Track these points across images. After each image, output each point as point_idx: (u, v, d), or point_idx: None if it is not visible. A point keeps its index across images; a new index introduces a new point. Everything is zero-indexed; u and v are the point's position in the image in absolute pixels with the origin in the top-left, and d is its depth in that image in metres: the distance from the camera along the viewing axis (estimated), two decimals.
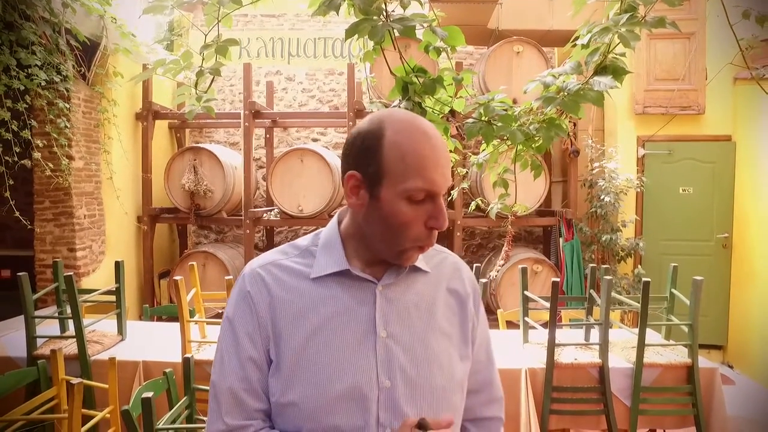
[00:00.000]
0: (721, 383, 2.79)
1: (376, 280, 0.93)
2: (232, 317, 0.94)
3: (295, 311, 0.91)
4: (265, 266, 0.95)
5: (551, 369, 2.69)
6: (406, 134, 0.86)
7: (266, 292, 0.92)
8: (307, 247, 0.97)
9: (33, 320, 2.88)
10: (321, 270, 0.93)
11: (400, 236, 0.88)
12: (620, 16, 1.36)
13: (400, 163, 0.85)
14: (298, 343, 0.90)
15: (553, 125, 1.61)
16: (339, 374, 0.89)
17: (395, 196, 0.86)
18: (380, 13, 1.33)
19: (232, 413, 0.90)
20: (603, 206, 4.48)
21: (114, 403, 2.51)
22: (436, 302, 0.98)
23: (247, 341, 0.91)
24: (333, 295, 0.92)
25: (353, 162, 0.90)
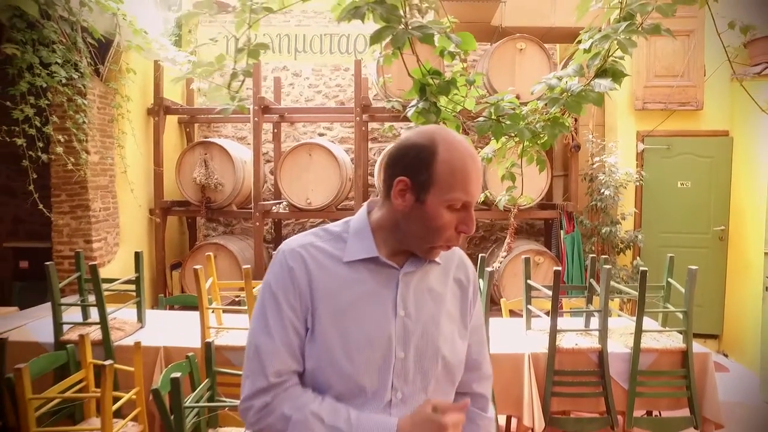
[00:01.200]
0: (714, 368, 2.93)
1: (399, 268, 1.07)
2: (275, 289, 1.06)
3: (329, 288, 1.05)
4: (305, 246, 1.07)
5: (553, 354, 2.83)
6: (456, 154, 1.01)
7: (305, 270, 1.05)
8: (339, 233, 1.10)
9: (59, 307, 3.02)
10: (352, 255, 1.06)
11: (435, 236, 1.03)
12: (619, 24, 1.49)
13: (449, 177, 1.00)
14: (332, 316, 1.04)
15: (557, 123, 1.75)
16: (365, 345, 1.03)
17: (439, 203, 1.01)
18: (400, 20, 1.46)
19: (275, 372, 1.03)
20: (603, 200, 4.61)
21: (140, 384, 2.65)
22: (445, 289, 1.14)
23: (289, 310, 1.04)
24: (362, 277, 1.06)
25: (403, 169, 1.03)
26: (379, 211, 1.10)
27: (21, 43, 3.21)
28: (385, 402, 1.05)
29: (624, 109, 4.93)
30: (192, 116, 5.62)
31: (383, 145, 5.98)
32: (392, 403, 1.05)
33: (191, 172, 4.87)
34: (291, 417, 1.00)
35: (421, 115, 1.68)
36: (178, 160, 4.97)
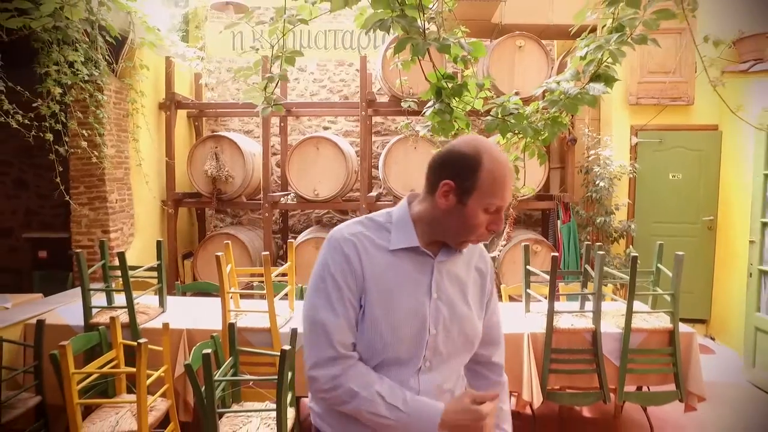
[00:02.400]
0: (698, 346, 3.16)
1: (433, 256, 1.26)
2: (334, 271, 1.21)
3: (377, 272, 1.22)
4: (356, 235, 1.24)
5: (550, 333, 3.05)
6: (498, 165, 1.18)
7: (358, 256, 1.22)
8: (383, 223, 1.27)
9: (89, 292, 3.21)
10: (396, 244, 1.24)
11: (470, 233, 1.21)
12: (611, 35, 1.69)
13: (490, 185, 1.17)
14: (378, 297, 1.21)
15: (557, 122, 1.95)
16: (405, 322, 1.22)
17: (478, 206, 1.18)
18: (418, 31, 1.65)
19: (341, 344, 1.20)
20: (598, 191, 4.82)
21: (168, 363, 2.85)
22: (468, 276, 1.34)
23: (348, 291, 1.20)
24: (403, 263, 1.24)
25: (450, 173, 1.19)
26: (419, 205, 1.26)
27: (47, 42, 3.37)
28: (416, 369, 1.24)
29: (618, 104, 5.13)
30: (201, 110, 5.79)
31: (386, 138, 6.17)
32: (421, 369, 1.25)
33: (202, 165, 5.06)
34: (358, 393, 1.17)
35: (437, 114, 1.88)
36: (190, 153, 5.15)
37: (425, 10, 1.65)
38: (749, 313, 4.26)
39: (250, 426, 2.56)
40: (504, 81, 4.86)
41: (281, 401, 2.45)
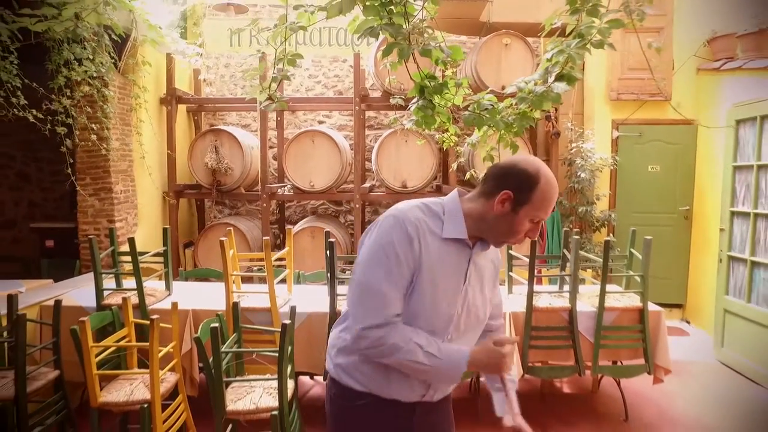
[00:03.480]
0: (665, 324, 3.43)
1: (471, 248, 1.47)
2: (398, 249, 1.37)
3: (430, 256, 1.41)
4: (419, 220, 1.40)
5: (530, 312, 3.31)
6: (550, 188, 1.38)
7: (419, 240, 1.39)
8: (438, 213, 1.45)
9: (101, 276, 3.44)
10: (448, 234, 1.43)
11: (512, 236, 1.42)
12: (572, 41, 1.93)
13: (542, 202, 1.37)
14: (428, 276, 1.41)
15: (525, 117, 2.20)
16: (444, 300, 1.44)
17: (526, 216, 1.38)
18: (405, 36, 1.88)
19: (393, 313, 1.39)
20: (580, 182, 5.07)
21: (176, 339, 3.09)
22: (486, 268, 1.56)
23: (406, 268, 1.39)
24: (450, 251, 1.44)
25: (511, 185, 1.37)
26: (471, 203, 1.45)
27: (58, 41, 3.57)
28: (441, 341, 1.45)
29: (600, 100, 5.38)
30: (200, 105, 5.99)
31: (379, 132, 6.40)
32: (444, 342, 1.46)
33: (203, 158, 5.27)
34: (401, 347, 1.37)
35: (420, 109, 2.11)
36: (190, 147, 5.36)
37: (410, 18, 1.88)
38: (719, 296, 4.55)
39: (253, 395, 2.80)
40: (491, 77, 5.09)
41: (282, 372, 2.69)
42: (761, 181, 4.10)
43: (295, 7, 2.07)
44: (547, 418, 3.56)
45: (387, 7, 1.82)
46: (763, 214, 4.07)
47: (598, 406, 3.78)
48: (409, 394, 1.49)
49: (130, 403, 2.79)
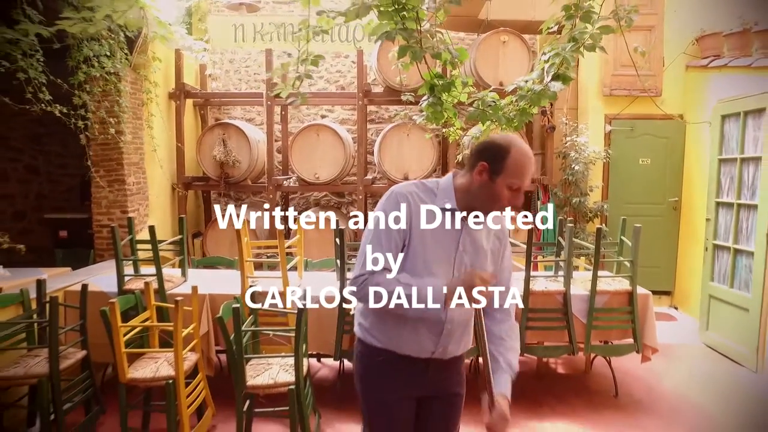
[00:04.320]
0: (652, 306, 3.67)
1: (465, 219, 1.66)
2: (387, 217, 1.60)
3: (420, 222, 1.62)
4: (411, 193, 1.63)
5: (527, 296, 3.54)
6: (522, 157, 1.54)
7: (409, 208, 1.62)
8: (432, 188, 1.67)
9: (122, 263, 3.63)
10: (440, 204, 1.64)
11: (495, 204, 1.60)
12: (567, 44, 2.13)
13: (515, 170, 1.53)
14: (419, 240, 1.62)
15: (524, 113, 2.41)
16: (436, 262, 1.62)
17: (503, 184, 1.54)
18: (417, 40, 2.08)
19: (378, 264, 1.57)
20: (574, 174, 5.30)
21: (196, 320, 3.29)
22: (488, 240, 1.73)
23: (395, 231, 1.61)
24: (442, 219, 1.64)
25: (486, 157, 1.56)
26: (461, 179, 1.65)
27: (78, 39, 3.74)
28: None
29: (594, 95, 5.60)
30: (206, 99, 6.16)
31: (380, 126, 6.59)
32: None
33: (211, 151, 5.45)
34: (381, 282, 1.57)
35: (430, 105, 2.32)
36: (199, 140, 5.54)
37: (421, 22, 2.07)
38: (705, 282, 4.80)
39: (271, 371, 3.01)
40: (489, 73, 5.30)
41: (298, 349, 2.90)
42: (744, 173, 4.33)
43: (318, 12, 2.27)
44: (542, 395, 3.80)
45: (400, 12, 2.02)
46: (745, 204, 4.31)
47: (591, 384, 4.02)
48: (419, 351, 1.69)
49: (156, 379, 2.98)
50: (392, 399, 1.74)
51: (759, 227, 4.08)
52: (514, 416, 3.38)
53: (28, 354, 3.23)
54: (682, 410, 3.58)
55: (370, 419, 1.79)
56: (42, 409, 2.94)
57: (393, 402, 1.75)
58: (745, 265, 4.29)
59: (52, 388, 2.97)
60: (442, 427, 1.84)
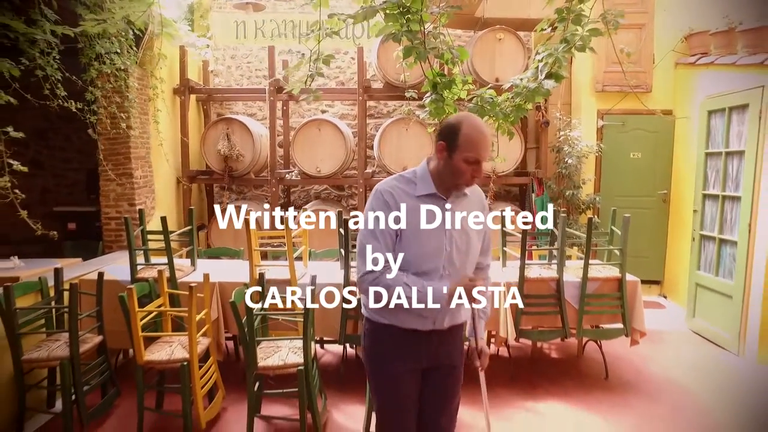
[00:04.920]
0: (641, 292, 3.86)
1: (446, 199, 1.84)
2: (378, 213, 1.78)
3: (408, 211, 1.80)
4: (393, 187, 1.82)
5: (522, 282, 3.72)
6: (473, 131, 1.72)
7: (395, 201, 1.80)
8: (410, 178, 1.85)
9: (135, 252, 3.79)
10: (420, 191, 1.82)
11: (459, 179, 1.78)
12: (559, 45, 2.30)
13: (467, 144, 1.71)
14: (410, 228, 1.79)
15: (520, 108, 2.59)
16: (428, 244, 1.81)
17: (460, 158, 1.73)
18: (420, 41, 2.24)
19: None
20: (567, 167, 5.48)
21: (207, 306, 3.46)
22: (472, 212, 1.91)
23: (386, 226, 1.78)
24: (425, 205, 1.82)
25: (443, 137, 1.76)
26: (432, 163, 1.84)
27: (89, 38, 3.87)
28: (438, 276, 1.83)
29: (587, 91, 5.78)
30: (209, 95, 6.30)
31: (379, 120, 6.75)
32: (442, 276, 1.84)
33: (215, 145, 5.59)
34: (390, 283, 1.75)
35: (433, 102, 2.50)
36: (203, 134, 5.68)
37: (424, 24, 2.24)
38: (692, 271, 5.00)
39: (280, 353, 3.18)
40: (486, 70, 5.46)
41: (307, 332, 3.07)
42: (729, 166, 4.53)
43: (330, 15, 2.43)
44: (537, 378, 3.99)
45: (405, 15, 2.19)
46: (729, 196, 4.51)
47: (583, 367, 4.22)
48: (422, 324, 1.87)
49: (172, 362, 3.15)
50: (399, 372, 1.91)
51: (742, 218, 4.28)
52: (511, 399, 3.60)
53: (47, 339, 3.39)
54: (667, 390, 3.78)
55: (378, 393, 1.96)
56: (64, 389, 3.10)
57: (399, 375, 1.91)
58: (730, 254, 4.49)
59: (72, 371, 3.13)
60: (443, 398, 2.01)
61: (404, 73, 4.29)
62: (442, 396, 2.00)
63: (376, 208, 1.81)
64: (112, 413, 3.44)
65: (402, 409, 1.93)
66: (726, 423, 3.35)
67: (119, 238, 5.12)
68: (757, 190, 4.14)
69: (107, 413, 3.42)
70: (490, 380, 3.94)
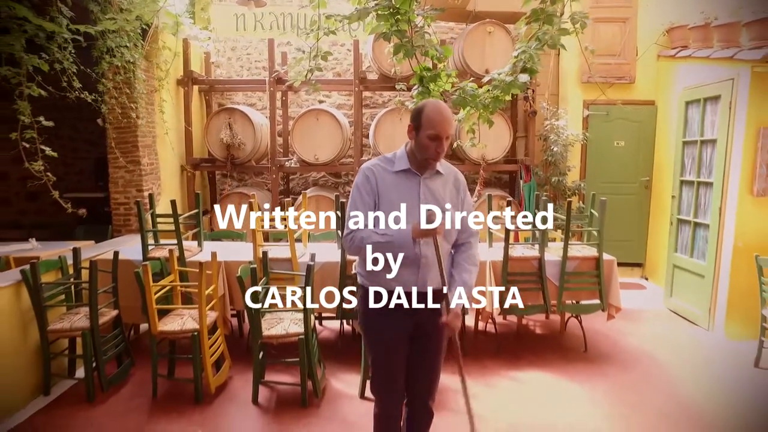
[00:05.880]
0: (617, 270, 4.16)
1: (420, 175, 2.13)
2: (360, 187, 2.10)
3: (386, 185, 2.08)
4: (374, 165, 2.12)
5: (506, 261, 4.01)
6: (432, 111, 2.01)
7: (374, 177, 2.09)
8: (390, 158, 2.15)
9: (146, 233, 4.06)
10: (398, 168, 2.11)
11: (425, 154, 2.06)
12: (532, 42, 2.57)
13: (429, 122, 2.00)
14: (388, 200, 2.07)
15: (497, 100, 2.86)
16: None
17: (425, 136, 2.02)
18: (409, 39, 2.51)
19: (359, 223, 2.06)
20: (554, 155, 5.75)
21: (215, 282, 3.74)
22: (446, 187, 2.19)
23: (367, 197, 2.08)
24: (401, 180, 2.10)
25: (412, 119, 2.06)
26: (410, 144, 2.15)
27: (101, 34, 4.11)
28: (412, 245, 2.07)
29: (573, 82, 6.04)
30: (211, 86, 6.54)
31: (374, 110, 7.00)
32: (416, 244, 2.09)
33: (218, 134, 5.85)
34: (363, 237, 2.04)
35: (420, 94, 2.76)
36: (206, 124, 5.93)
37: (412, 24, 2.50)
38: (670, 253, 5.31)
39: (283, 324, 3.48)
40: (476, 61, 5.71)
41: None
42: (703, 154, 4.81)
43: (327, 16, 2.69)
44: (522, 351, 4.29)
45: (394, 16, 2.45)
46: (703, 182, 4.80)
47: (565, 342, 4.53)
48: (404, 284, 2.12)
49: (183, 332, 3.44)
50: (387, 330, 2.20)
51: (714, 202, 4.57)
52: (496, 368, 3.91)
53: (67, 312, 3.67)
54: (639, 361, 4.09)
55: (371, 350, 2.26)
56: (86, 357, 3.40)
57: (387, 333, 2.20)
58: (703, 236, 4.79)
59: (93, 340, 3.42)
60: (426, 356, 2.30)
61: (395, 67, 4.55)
62: (426, 353, 2.28)
63: (359, 183, 2.12)
64: (128, 381, 3.74)
65: (391, 363, 2.22)
66: (690, 389, 3.66)
67: (127, 222, 5.39)
68: (726, 176, 4.43)
69: (123, 381, 3.72)
70: (477, 354, 4.27)
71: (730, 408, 3.39)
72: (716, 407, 3.39)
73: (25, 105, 3.29)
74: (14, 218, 7.57)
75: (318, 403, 3.42)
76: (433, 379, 2.33)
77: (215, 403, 3.43)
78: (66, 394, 3.52)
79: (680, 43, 5.45)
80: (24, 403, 3.33)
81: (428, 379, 2.30)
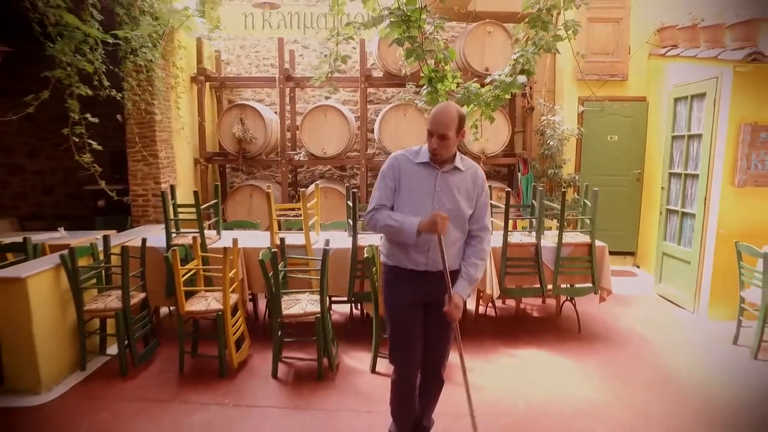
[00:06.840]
0: (608, 255, 4.47)
1: (439, 168, 2.41)
2: (386, 172, 2.40)
3: (407, 174, 2.38)
4: (401, 155, 2.42)
5: (505, 247, 4.32)
6: (434, 111, 2.30)
7: (399, 165, 2.39)
8: (416, 150, 2.43)
9: (170, 222, 4.35)
10: (420, 160, 2.39)
11: (428, 147, 2.35)
12: (528, 47, 2.86)
13: (429, 121, 2.30)
14: (407, 187, 2.37)
15: (498, 98, 3.17)
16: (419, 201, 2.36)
17: (428, 132, 2.32)
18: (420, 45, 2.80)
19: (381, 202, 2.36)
20: (550, 149, 6.05)
21: (237, 266, 4.03)
22: (463, 183, 2.45)
23: (390, 181, 2.38)
24: (421, 171, 2.39)
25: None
26: None
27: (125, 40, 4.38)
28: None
29: (569, 79, 6.33)
30: (222, 83, 6.81)
31: (378, 106, 7.28)
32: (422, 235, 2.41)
33: (230, 129, 6.13)
34: (379, 218, 2.35)
35: (429, 93, 3.07)
36: (219, 119, 6.20)
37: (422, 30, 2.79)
38: (659, 241, 5.62)
39: (301, 304, 3.78)
40: (476, 60, 5.99)
41: (323, 285, 3.66)
42: (690, 148, 5.12)
43: (346, 24, 2.98)
44: (519, 332, 4.60)
45: (406, 23, 2.73)
46: (690, 174, 5.10)
47: (560, 324, 4.84)
48: (417, 264, 2.42)
49: (208, 312, 3.73)
50: (404, 302, 2.50)
51: (699, 192, 4.88)
52: (495, 347, 4.21)
53: (100, 294, 3.97)
54: (629, 340, 4.41)
55: (390, 318, 2.56)
56: (119, 335, 3.70)
57: (405, 304, 2.50)
58: (689, 225, 5.10)
59: (125, 319, 3.72)
60: (438, 327, 2.60)
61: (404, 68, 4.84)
62: (437, 325, 2.58)
63: (384, 169, 2.42)
64: (155, 359, 4.03)
65: (407, 332, 2.52)
66: (673, 364, 3.98)
67: (146, 213, 5.67)
68: (711, 169, 4.73)
69: (151, 359, 4.02)
70: (477, 334, 4.57)
71: (710, 380, 3.71)
72: (696, 379, 3.72)
73: (74, 103, 3.57)
74: (32, 210, 7.83)
75: (333, 377, 3.73)
76: (444, 346, 2.62)
77: (238, 377, 3.74)
78: (100, 369, 3.82)
79: (670, 43, 5.74)
80: (63, 377, 3.63)
81: (440, 346, 2.59)
